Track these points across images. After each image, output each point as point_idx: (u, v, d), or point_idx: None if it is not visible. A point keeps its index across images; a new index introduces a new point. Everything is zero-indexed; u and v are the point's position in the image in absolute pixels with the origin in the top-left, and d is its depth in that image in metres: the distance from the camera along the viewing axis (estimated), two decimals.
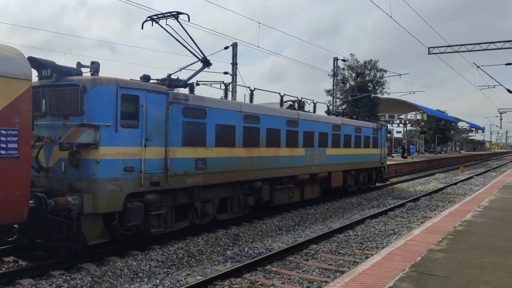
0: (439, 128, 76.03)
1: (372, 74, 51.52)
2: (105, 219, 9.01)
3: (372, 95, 48.11)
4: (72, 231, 8.40)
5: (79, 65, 9.69)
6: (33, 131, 7.75)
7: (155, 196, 9.88)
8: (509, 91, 26.76)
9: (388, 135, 27.03)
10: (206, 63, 12.70)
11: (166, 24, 11.57)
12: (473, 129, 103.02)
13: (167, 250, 9.86)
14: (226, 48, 26.90)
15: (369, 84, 50.31)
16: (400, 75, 38.31)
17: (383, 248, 9.24)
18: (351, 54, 60.21)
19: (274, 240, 11.82)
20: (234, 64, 26.99)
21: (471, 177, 34.29)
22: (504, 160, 79.04)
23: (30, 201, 7.62)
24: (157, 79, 11.28)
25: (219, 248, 10.68)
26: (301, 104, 17.22)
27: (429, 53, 26.19)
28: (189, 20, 12.15)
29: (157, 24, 11.73)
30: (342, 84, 48.56)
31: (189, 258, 9.74)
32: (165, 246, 10.15)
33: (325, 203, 17.83)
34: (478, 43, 25.08)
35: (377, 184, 24.23)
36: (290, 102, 17.20)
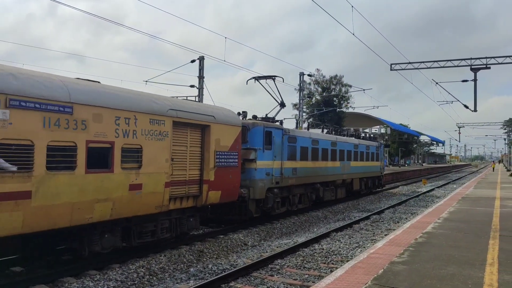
0: (402, 142, 78.07)
1: (337, 89, 52.57)
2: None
3: (338, 109, 48.98)
4: (244, 209, 15.00)
5: (239, 113, 16.02)
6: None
7: (277, 190, 16.63)
8: (466, 106, 27.74)
9: None
10: (282, 105, 18.66)
11: (266, 83, 18.03)
12: (434, 142, 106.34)
13: (127, 268, 9.56)
14: (193, 61, 26.83)
15: (335, 98, 51.23)
16: (364, 90, 39.08)
17: (347, 261, 9.28)
18: (317, 69, 61.34)
19: (239, 256, 11.68)
20: (201, 77, 26.89)
21: (433, 189, 35.22)
22: (463, 173, 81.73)
23: None
24: (260, 117, 17.13)
25: (182, 265, 10.45)
26: (333, 130, 26.46)
27: (391, 69, 26.92)
28: (283, 81, 19.67)
29: (258, 81, 18.22)
30: (308, 99, 49.25)
31: (151, 277, 9.48)
32: (125, 265, 9.84)
33: (291, 216, 17.86)
34: (437, 61, 25.99)
35: (377, 189, 31.41)
36: (326, 129, 25.88)
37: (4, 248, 8.80)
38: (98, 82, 10.06)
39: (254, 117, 16.78)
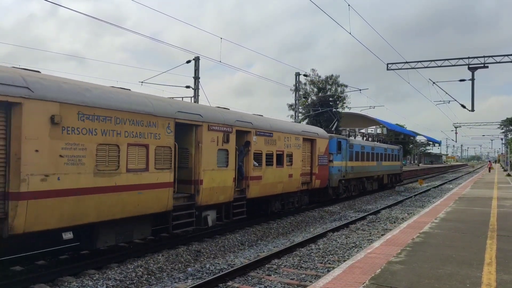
0: (398, 142, 78.09)
1: (333, 89, 52.53)
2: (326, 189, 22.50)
3: (334, 109, 48.92)
4: (325, 193, 22.28)
5: (329, 130, 24.79)
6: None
7: (343, 181, 24.29)
8: (463, 106, 27.81)
9: None
10: (338, 121, 30.81)
11: (330, 105, 39.07)
12: (430, 142, 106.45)
13: (125, 268, 9.55)
14: (188, 62, 26.78)
15: (330, 99, 51.19)
16: (360, 90, 38.97)
17: (344, 261, 9.29)
18: (313, 69, 61.26)
19: (236, 256, 11.68)
20: (196, 78, 26.83)
21: (429, 190, 35.33)
22: (460, 173, 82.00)
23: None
24: (328, 129, 25.44)
25: (180, 265, 10.44)
26: (369, 136, 35.89)
27: (387, 69, 26.94)
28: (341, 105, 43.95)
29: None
30: (304, 99, 49.21)
31: (149, 276, 9.47)
32: (124, 264, 9.83)
33: (288, 217, 17.87)
34: (434, 60, 26.01)
35: (398, 184, 39.12)
36: (366, 136, 34.69)
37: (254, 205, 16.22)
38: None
39: (323, 130, 24.30)
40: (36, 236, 8.58)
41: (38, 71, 8.82)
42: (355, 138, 30.59)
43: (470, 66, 24.07)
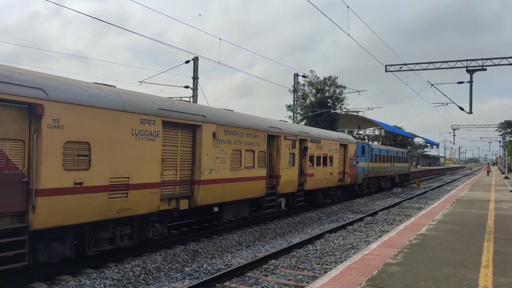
0: (396, 144, 78.12)
1: (331, 90, 52.59)
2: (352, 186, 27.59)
3: (332, 111, 48.97)
4: (353, 190, 27.79)
5: (352, 134, 32.47)
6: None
7: (366, 180, 30.06)
8: (461, 108, 27.87)
9: None
10: (358, 127, 34.84)
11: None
12: (428, 144, 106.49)
13: (123, 267, 9.54)
14: (187, 62, 26.76)
15: (329, 100, 51.23)
16: (358, 91, 39.00)
17: (341, 262, 9.30)
18: (311, 70, 61.31)
19: (233, 256, 11.69)
20: (195, 78, 26.80)
21: (426, 192, 35.37)
22: (457, 175, 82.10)
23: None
24: (354, 136, 30.20)
25: (177, 265, 10.45)
26: (384, 141, 39.93)
27: (386, 71, 26.94)
28: (364, 114, 41.94)
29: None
30: (302, 100, 49.25)
31: (146, 276, 9.47)
32: (121, 263, 9.83)
33: (286, 217, 17.88)
34: (432, 62, 26.04)
35: (406, 183, 44.57)
36: (380, 140, 39.23)
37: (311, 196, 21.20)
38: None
39: (352, 136, 28.97)
40: (202, 208, 12.77)
41: (185, 100, 13.40)
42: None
43: (468, 68, 24.12)
